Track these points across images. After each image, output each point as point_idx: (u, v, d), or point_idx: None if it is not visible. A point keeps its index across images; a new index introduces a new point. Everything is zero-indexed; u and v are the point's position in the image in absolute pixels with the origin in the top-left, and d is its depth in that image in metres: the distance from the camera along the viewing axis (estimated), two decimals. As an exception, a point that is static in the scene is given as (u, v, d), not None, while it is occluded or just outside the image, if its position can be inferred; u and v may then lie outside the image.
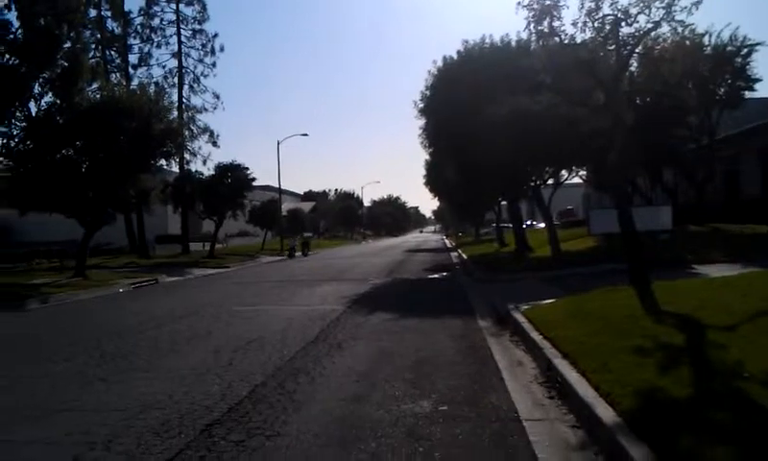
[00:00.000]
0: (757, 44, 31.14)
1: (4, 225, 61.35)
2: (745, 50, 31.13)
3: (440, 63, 36.63)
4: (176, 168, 53.36)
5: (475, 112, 28.19)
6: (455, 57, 36.02)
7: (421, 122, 39.26)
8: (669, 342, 8.53)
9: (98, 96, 32.23)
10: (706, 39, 30.61)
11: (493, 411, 7.20)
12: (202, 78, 60.73)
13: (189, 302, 21.52)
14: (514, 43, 34.17)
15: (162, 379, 9.41)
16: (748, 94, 32.38)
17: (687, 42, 26.43)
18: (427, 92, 37.25)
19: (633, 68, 24.58)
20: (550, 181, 32.67)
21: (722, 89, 32.01)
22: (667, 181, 37.58)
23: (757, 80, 31.79)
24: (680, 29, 15.61)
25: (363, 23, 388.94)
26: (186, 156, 54.92)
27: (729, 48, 31.11)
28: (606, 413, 6.09)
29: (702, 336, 8.76)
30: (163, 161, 38.49)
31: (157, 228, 63.05)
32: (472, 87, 30.84)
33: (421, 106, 37.93)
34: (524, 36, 23.02)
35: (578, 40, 15.61)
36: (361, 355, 10.83)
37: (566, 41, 15.67)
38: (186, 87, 60.16)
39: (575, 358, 8.24)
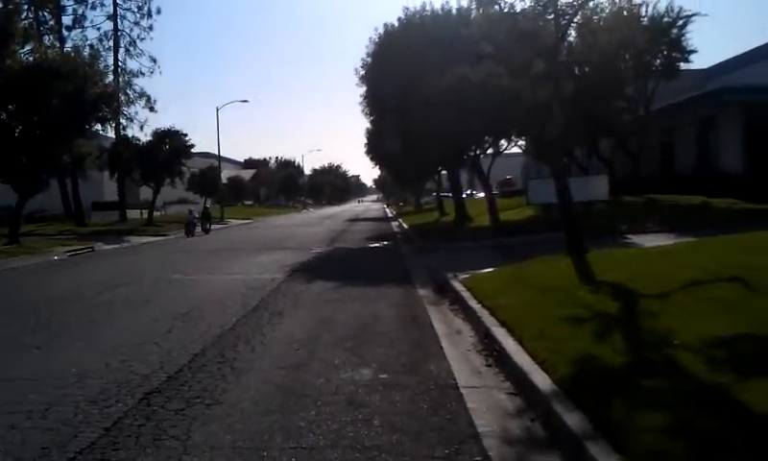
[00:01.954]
0: (693, 15, 31.64)
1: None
2: (681, 21, 31.55)
3: (381, 31, 36.46)
4: (112, 133, 52.38)
5: (416, 81, 28.21)
6: (396, 24, 35.89)
7: (362, 90, 39.15)
8: (604, 311, 8.72)
9: (31, 59, 31.41)
10: (642, 10, 30.95)
11: (432, 379, 7.29)
12: (138, 41, 59.54)
13: (127, 270, 21.25)
14: (454, 11, 34.17)
15: (99, 348, 9.30)
16: (683, 65, 32.89)
17: (624, 13, 26.76)
18: (368, 60, 37.10)
19: (571, 38, 24.86)
20: (489, 151, 32.93)
21: (658, 60, 32.43)
22: (604, 151, 38.11)
23: (693, 51, 32.31)
24: (617, -1, 15.83)
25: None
26: (123, 121, 53.95)
27: (665, 19, 31.49)
28: (542, 380, 6.22)
29: (635, 305, 8.97)
30: (99, 126, 37.85)
31: (93, 194, 61.89)
32: (413, 56, 30.80)
33: (362, 73, 37.79)
34: (464, 3, 23.14)
35: (518, 9, 15.73)
36: (302, 324, 10.84)
37: (506, 10, 15.77)
38: (122, 51, 59.01)
39: (512, 327, 8.38)
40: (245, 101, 74.39)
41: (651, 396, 5.39)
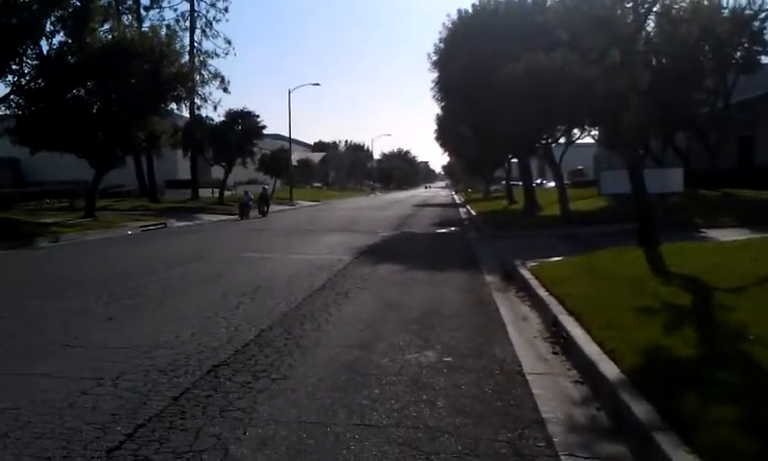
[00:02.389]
0: (775, 9, 30.63)
1: (15, 163, 61.48)
2: (763, 14, 30.57)
3: (455, 17, 36.27)
4: (186, 113, 53.12)
5: (489, 67, 27.99)
6: (470, 10, 35.64)
7: (434, 75, 38.99)
8: (675, 303, 8.54)
9: (110, 37, 32.03)
10: (723, 1, 30.17)
11: (497, 364, 7.24)
12: (214, 22, 60.02)
13: (198, 246, 21.63)
14: (529, -1, 33.81)
15: (170, 321, 9.50)
16: (765, 59, 31.92)
17: (705, 3, 26.09)
18: (441, 45, 36.94)
19: (650, 28, 24.34)
20: (562, 140, 32.51)
21: (738, 53, 31.50)
22: (680, 144, 37.28)
23: (775, 45, 31.31)
24: (698, -12, 15.45)
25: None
26: (197, 101, 54.37)
27: (747, 12, 30.58)
28: (609, 370, 6.11)
29: (708, 298, 8.77)
30: (174, 105, 38.45)
31: (167, 172, 63.01)
32: (487, 42, 30.58)
33: (435, 59, 37.65)
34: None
35: (596, -4, 15.46)
36: (367, 305, 10.88)
37: (584, -3, 15.53)
38: (198, 32, 59.46)
39: (580, 315, 8.26)
40: (316, 84, 75.28)
41: (722, 389, 5.27)
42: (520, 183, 43.97)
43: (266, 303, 10.92)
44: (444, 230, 29.29)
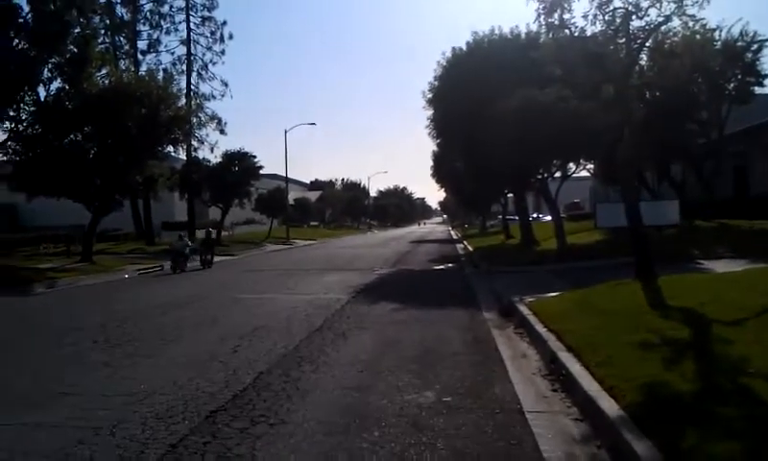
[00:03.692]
0: (767, 40, 30.91)
1: (12, 209, 61.43)
2: (755, 46, 30.85)
3: (449, 54, 36.58)
4: (183, 155, 53.17)
5: (484, 104, 28.16)
6: (464, 48, 35.94)
7: (430, 112, 39.20)
8: (674, 337, 8.51)
9: (107, 82, 32.17)
10: (716, 34, 30.37)
11: (497, 403, 7.20)
12: (210, 65, 60.33)
13: (195, 289, 21.56)
14: (523, 35, 34.11)
15: (167, 366, 9.46)
16: (758, 90, 32.13)
17: (698, 37, 26.21)
18: (436, 83, 37.18)
19: (642, 62, 24.49)
20: (557, 174, 32.62)
21: (732, 85, 31.74)
22: (675, 176, 37.40)
23: (767, 76, 31.54)
24: (690, 23, 15.54)
25: (373, 12, 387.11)
26: (194, 143, 54.34)
27: (739, 44, 30.81)
28: (609, 406, 6.08)
29: (707, 331, 8.74)
30: (171, 148, 38.50)
31: (164, 214, 62.94)
32: (481, 79, 30.81)
33: (430, 96, 37.87)
34: (534, 28, 23.07)
35: (588, 33, 15.58)
36: (365, 345, 10.84)
37: (576, 34, 15.65)
38: (195, 75, 59.76)
39: (579, 351, 8.24)
40: (312, 124, 76.03)
41: (723, 425, 5.25)
42: (517, 218, 44.05)
43: (263, 345, 10.88)
44: (441, 267, 29.26)
